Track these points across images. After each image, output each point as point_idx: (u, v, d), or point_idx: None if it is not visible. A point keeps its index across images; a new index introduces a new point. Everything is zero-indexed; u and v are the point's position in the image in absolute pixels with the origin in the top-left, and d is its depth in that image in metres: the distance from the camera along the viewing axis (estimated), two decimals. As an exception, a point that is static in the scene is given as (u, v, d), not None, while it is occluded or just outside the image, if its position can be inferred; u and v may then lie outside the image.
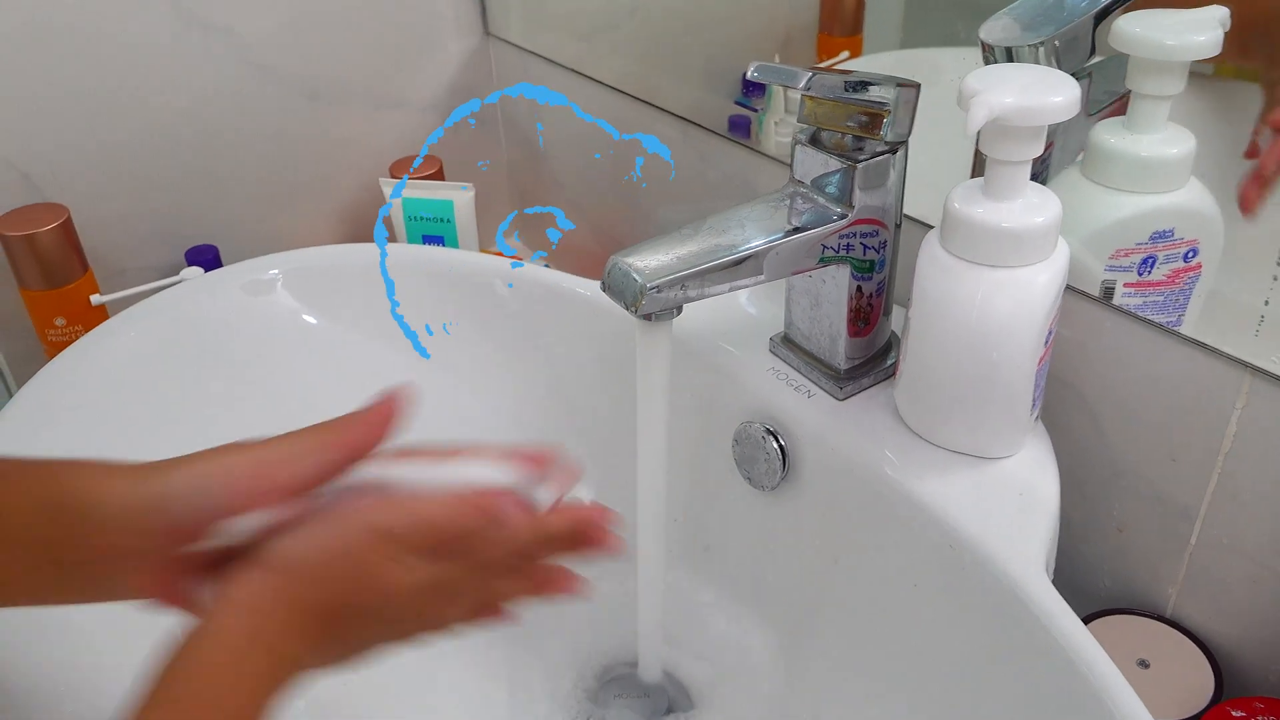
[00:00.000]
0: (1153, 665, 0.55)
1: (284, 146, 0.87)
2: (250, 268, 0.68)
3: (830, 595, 0.57)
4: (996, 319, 0.48)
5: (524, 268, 0.67)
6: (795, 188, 0.54)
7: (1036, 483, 0.51)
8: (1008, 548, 0.47)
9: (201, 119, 0.82)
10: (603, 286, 0.49)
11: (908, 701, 0.51)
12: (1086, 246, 0.54)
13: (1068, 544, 0.60)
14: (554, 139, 0.93)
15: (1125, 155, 0.52)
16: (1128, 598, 0.59)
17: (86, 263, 0.76)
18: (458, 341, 0.68)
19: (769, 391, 0.58)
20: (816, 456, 0.56)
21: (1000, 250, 0.47)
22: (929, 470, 0.51)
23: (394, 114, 0.92)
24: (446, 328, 0.67)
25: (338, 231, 0.92)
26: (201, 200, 0.85)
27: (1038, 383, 0.50)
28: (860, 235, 0.53)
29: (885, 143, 0.51)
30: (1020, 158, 0.46)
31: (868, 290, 0.55)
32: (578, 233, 0.95)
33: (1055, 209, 0.47)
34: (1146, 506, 0.56)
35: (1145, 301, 0.54)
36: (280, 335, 0.66)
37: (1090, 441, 0.57)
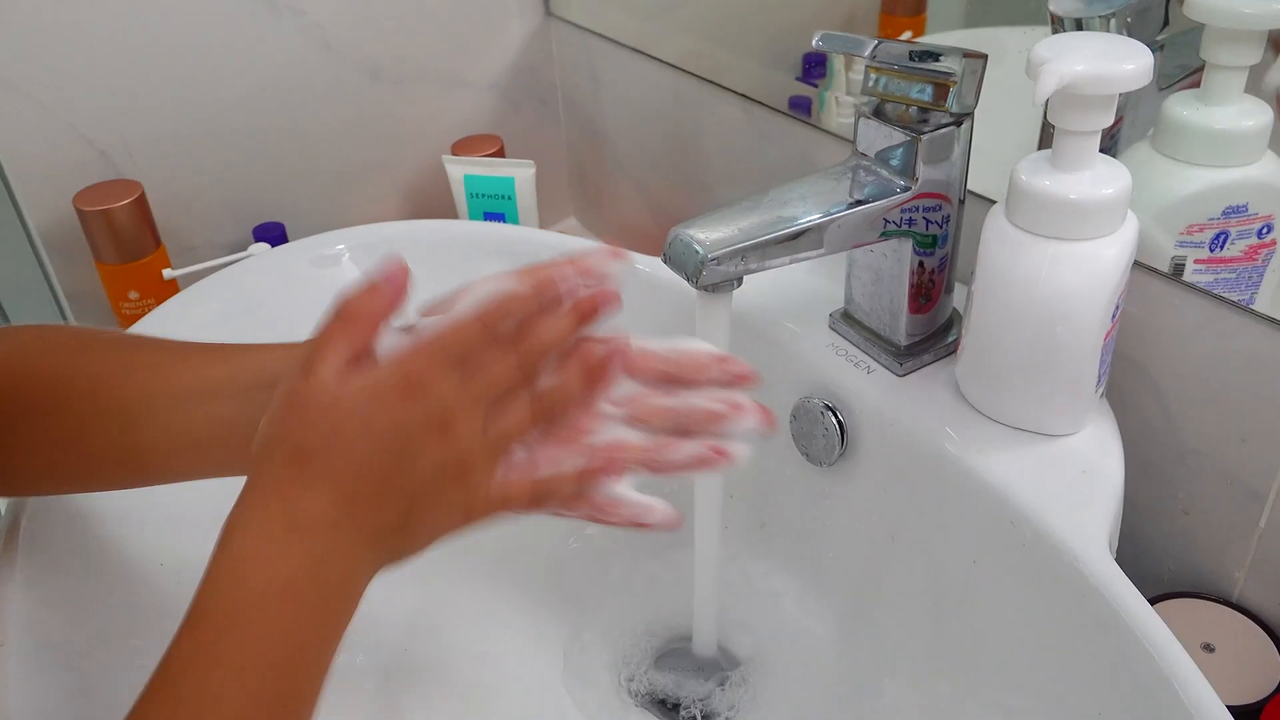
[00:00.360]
0: (1218, 649, 0.54)
1: (349, 126, 0.88)
2: (316, 243, 0.69)
3: (888, 572, 0.56)
4: (1062, 293, 0.47)
5: (585, 245, 0.68)
6: (858, 160, 0.53)
7: (1100, 461, 0.50)
8: (1070, 525, 0.46)
9: (271, 99, 0.84)
10: (664, 258, 0.49)
11: (967, 679, 0.51)
12: (1157, 222, 0.53)
13: (1131, 525, 0.59)
14: (614, 119, 0.94)
15: (1199, 128, 0.51)
16: (1192, 581, 0.58)
17: (159, 238, 0.78)
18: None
19: (828, 367, 0.57)
20: (875, 432, 0.55)
21: (1067, 223, 0.47)
22: (990, 446, 0.51)
23: (456, 93, 0.93)
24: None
25: (401, 210, 0.94)
26: (269, 178, 0.86)
27: (1103, 359, 0.49)
28: (923, 209, 0.53)
29: (951, 114, 0.50)
30: (1090, 128, 0.46)
31: (930, 265, 0.54)
32: (637, 213, 0.95)
33: (1125, 181, 0.47)
34: (1214, 488, 0.55)
35: (1217, 278, 0.53)
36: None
37: (1156, 421, 0.56)
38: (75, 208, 0.74)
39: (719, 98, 0.79)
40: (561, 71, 0.98)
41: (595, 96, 0.95)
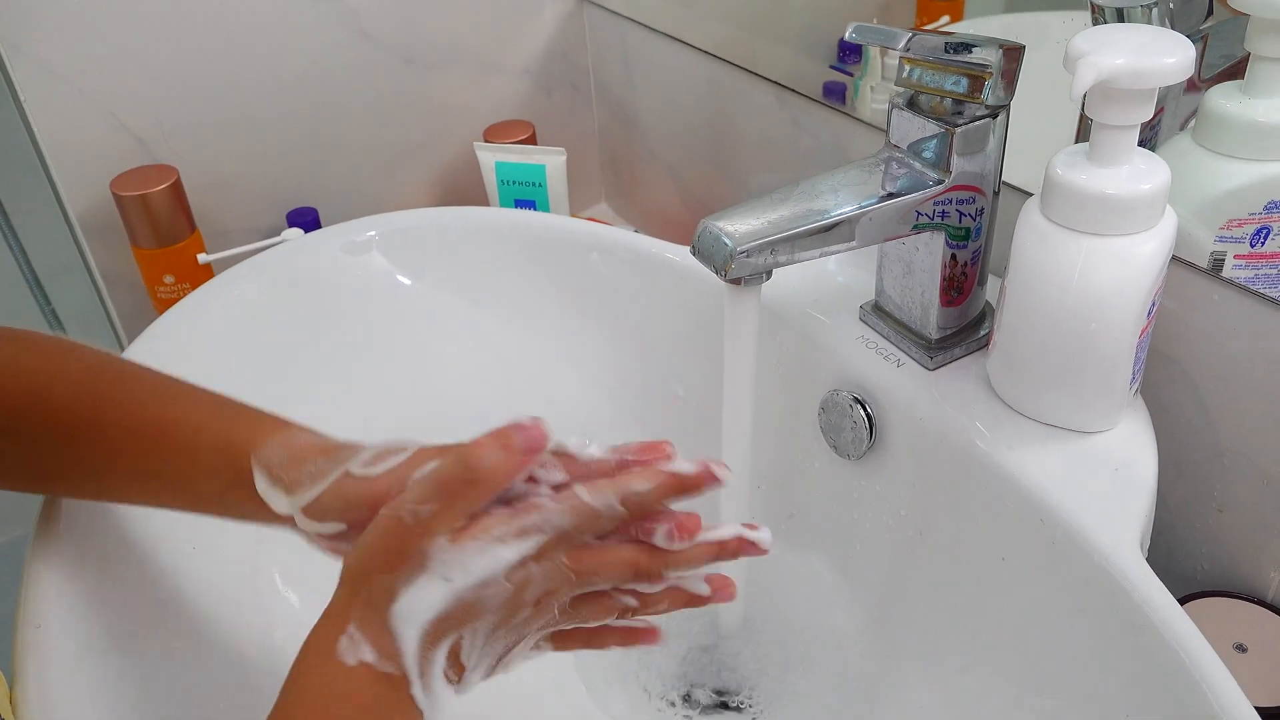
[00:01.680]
0: (1251, 649, 0.53)
1: (383, 112, 0.89)
2: (348, 229, 0.70)
3: (916, 567, 0.56)
4: (1097, 289, 0.46)
5: (613, 233, 0.68)
6: (891, 152, 0.53)
7: (1133, 459, 0.49)
8: (1101, 524, 0.46)
9: (306, 86, 0.84)
10: (693, 250, 0.49)
11: (995, 676, 0.51)
12: (1196, 216, 0.52)
13: (1164, 523, 0.58)
14: (646, 106, 0.93)
15: (1241, 120, 0.50)
16: (1226, 580, 0.57)
17: (194, 223, 0.79)
18: (547, 305, 0.69)
19: (858, 360, 0.57)
20: (905, 426, 0.55)
21: (1104, 218, 0.46)
22: (1021, 443, 0.50)
23: (489, 79, 0.93)
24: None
25: (434, 195, 0.94)
26: (303, 164, 0.87)
27: (1138, 356, 0.49)
28: (957, 202, 0.52)
29: (986, 107, 0.50)
30: (1128, 122, 0.45)
31: (962, 259, 0.54)
32: (670, 200, 0.95)
33: (1163, 176, 0.46)
34: (1249, 487, 0.54)
35: (1257, 274, 0.52)
36: (375, 294, 0.68)
37: (1192, 418, 0.55)
38: (112, 193, 0.75)
39: (752, 85, 0.78)
40: (594, 57, 0.98)
41: (628, 82, 0.94)
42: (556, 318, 0.69)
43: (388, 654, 0.36)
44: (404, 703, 0.37)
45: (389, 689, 0.36)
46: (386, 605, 0.36)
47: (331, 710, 0.36)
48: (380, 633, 0.36)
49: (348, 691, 0.36)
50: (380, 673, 0.36)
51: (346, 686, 0.36)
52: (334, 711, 0.36)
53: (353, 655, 0.36)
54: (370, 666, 0.36)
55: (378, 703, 0.36)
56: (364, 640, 0.36)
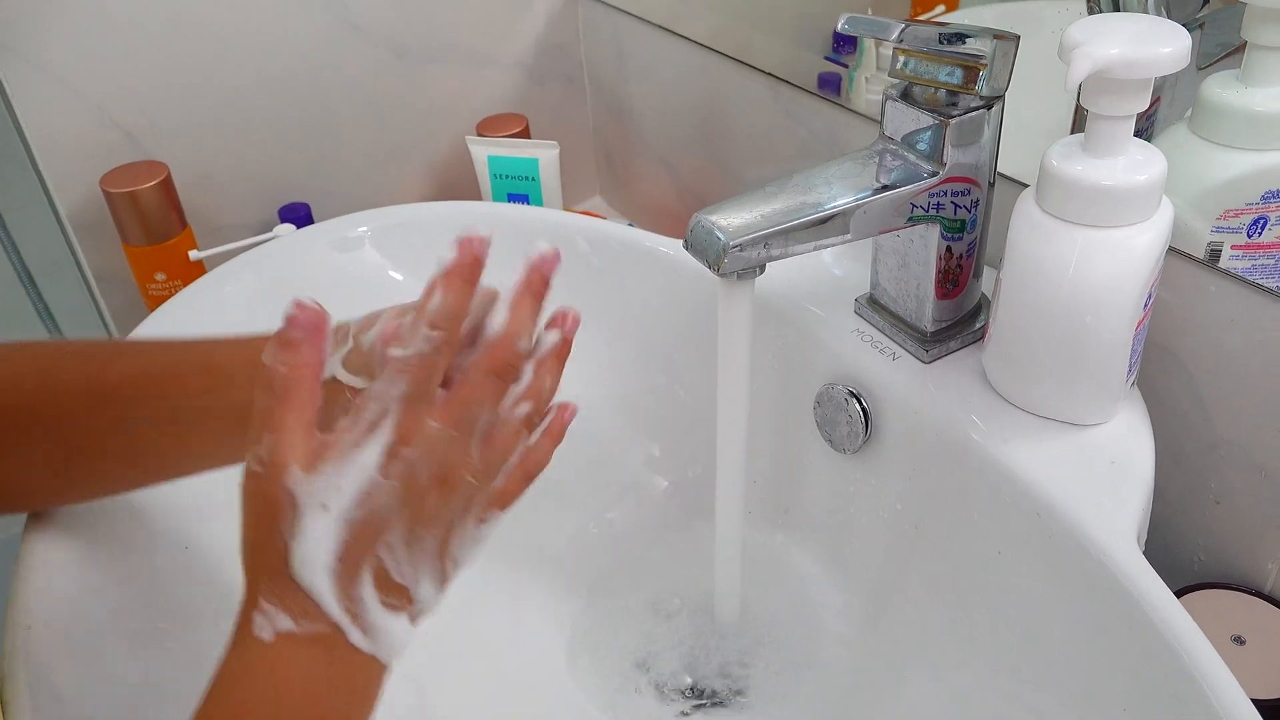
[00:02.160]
0: (1249, 641, 0.53)
1: (375, 106, 0.88)
2: (339, 225, 0.69)
3: (912, 560, 0.56)
4: (1093, 281, 0.46)
5: (606, 227, 0.67)
6: (885, 144, 0.52)
7: (1130, 451, 0.49)
8: (1097, 517, 0.45)
9: (298, 80, 0.84)
10: (685, 245, 0.49)
11: (990, 671, 0.50)
12: (1193, 206, 0.52)
13: (1161, 516, 0.58)
14: (640, 98, 0.93)
15: (1238, 110, 0.50)
16: (1223, 572, 0.57)
17: (185, 219, 0.78)
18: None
19: (853, 353, 0.57)
20: (900, 420, 0.55)
21: (1099, 209, 0.46)
22: (1017, 436, 0.50)
23: (482, 72, 0.92)
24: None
25: (427, 189, 0.94)
26: (296, 159, 0.86)
27: (1134, 348, 0.48)
28: (951, 194, 0.52)
29: (980, 98, 0.49)
30: (1123, 112, 0.44)
31: (958, 251, 0.54)
32: (665, 194, 0.95)
33: (1160, 166, 0.45)
34: (1247, 479, 0.54)
35: (1254, 265, 0.51)
36: (367, 290, 0.67)
37: (1188, 410, 0.55)
38: (102, 189, 0.75)
39: (747, 76, 0.78)
40: (588, 49, 0.97)
41: (622, 75, 0.94)
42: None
43: (306, 613, 0.33)
44: (346, 657, 0.34)
45: (322, 651, 0.34)
46: (284, 565, 0.33)
47: (260, 697, 0.33)
48: (291, 595, 0.33)
49: (273, 672, 0.33)
50: (306, 637, 0.33)
51: (271, 667, 0.33)
52: (265, 697, 0.33)
53: (269, 629, 0.33)
54: (292, 635, 0.33)
55: (312, 671, 0.33)
56: (277, 610, 0.33)
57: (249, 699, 0.33)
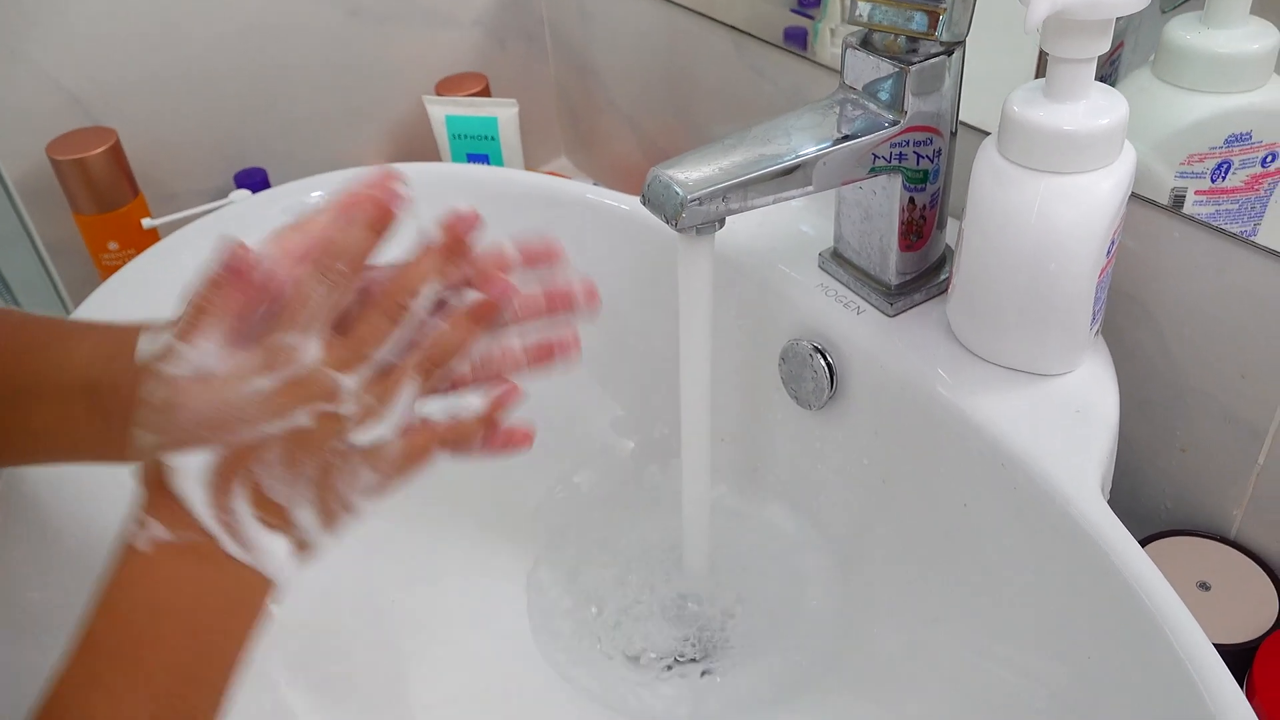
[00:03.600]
0: (1214, 588, 0.53)
1: (332, 67, 0.86)
2: (294, 189, 0.68)
3: (881, 515, 0.56)
4: (1055, 228, 0.45)
5: (563, 185, 0.66)
6: (845, 94, 0.51)
7: (1095, 400, 0.49)
8: (1062, 466, 0.45)
9: (250, 41, 0.81)
10: (643, 200, 0.48)
11: (961, 624, 0.50)
12: (1156, 151, 0.51)
13: (1129, 464, 0.58)
14: (604, 55, 0.91)
15: (1201, 52, 0.49)
16: (1190, 519, 0.57)
17: (137, 187, 0.76)
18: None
19: (817, 308, 0.56)
20: (865, 374, 0.54)
21: (1061, 155, 0.45)
22: (982, 387, 0.49)
23: (440, 31, 0.90)
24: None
25: (387, 152, 0.92)
26: (251, 124, 0.84)
27: (1098, 296, 0.48)
28: (914, 143, 0.51)
29: (941, 44, 0.48)
30: (1084, 55, 0.44)
31: (921, 202, 0.53)
32: (630, 152, 0.93)
33: (1122, 110, 0.45)
34: (1213, 425, 0.54)
35: (1218, 210, 0.51)
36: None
37: (1154, 358, 0.55)
38: (49, 157, 0.73)
39: (710, 31, 0.76)
40: (549, 7, 0.95)
41: (584, 32, 0.92)
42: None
43: (180, 522, 0.34)
44: (223, 567, 0.35)
45: (198, 560, 0.35)
46: (161, 476, 0.35)
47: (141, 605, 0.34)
48: (167, 504, 0.34)
49: (152, 581, 0.34)
50: (182, 547, 0.34)
51: (150, 576, 0.34)
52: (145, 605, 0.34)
53: (145, 539, 0.34)
54: (169, 545, 0.34)
55: (189, 580, 0.35)
56: (153, 520, 0.34)
57: (130, 608, 0.34)
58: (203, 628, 0.35)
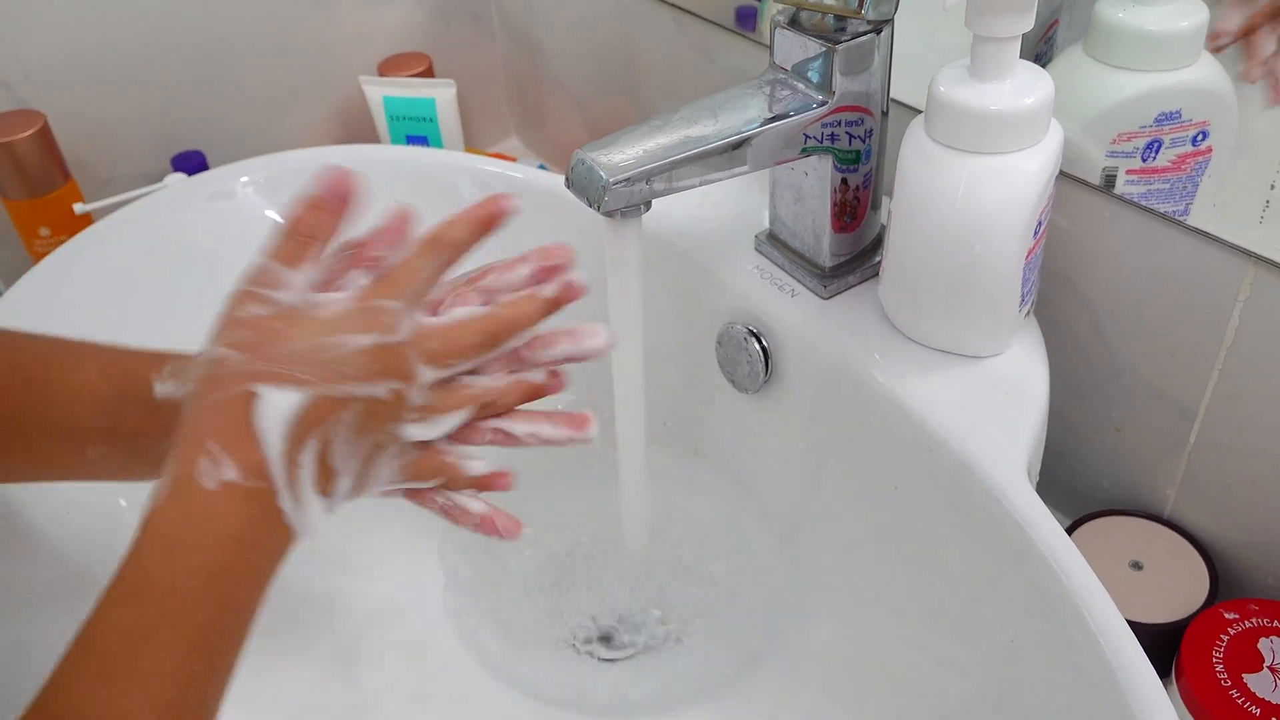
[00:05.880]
0: (1147, 567, 0.54)
1: (269, 46, 0.84)
2: (226, 173, 0.66)
3: (816, 499, 0.55)
4: (980, 209, 0.45)
5: (494, 167, 0.65)
6: (775, 74, 0.51)
7: (1024, 382, 0.49)
8: (988, 449, 0.45)
9: (185, 19, 0.79)
10: (567, 183, 0.47)
11: (890, 609, 0.50)
12: (1087, 131, 0.51)
13: (1065, 444, 0.58)
14: (551, 34, 0.90)
15: (1130, 29, 0.49)
16: (1126, 499, 0.57)
17: (68, 171, 0.75)
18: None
19: (751, 291, 0.55)
20: (799, 357, 0.54)
21: (986, 135, 0.44)
22: (912, 370, 0.49)
23: (381, 9, 0.88)
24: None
25: (328, 134, 0.90)
26: (188, 105, 0.83)
27: (1027, 277, 0.48)
28: (845, 124, 0.50)
29: (868, 22, 0.48)
30: (1008, 33, 0.43)
31: (854, 183, 0.52)
32: (580, 133, 0.92)
33: (1047, 89, 0.44)
34: (1145, 405, 0.54)
35: (1149, 190, 0.51)
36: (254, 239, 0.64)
37: (1088, 339, 0.55)
38: (-27, 141, 0.71)
39: (652, 10, 0.75)
40: (495, -17, 0.94)
41: (531, 9, 0.90)
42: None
43: (253, 467, 0.33)
44: (272, 520, 0.34)
45: (256, 507, 0.34)
46: (247, 408, 0.33)
47: (196, 547, 0.33)
48: (243, 441, 0.33)
49: (211, 518, 0.33)
50: (245, 490, 0.33)
51: (210, 513, 0.33)
52: (197, 547, 0.33)
53: (213, 477, 0.33)
54: (234, 485, 0.33)
55: (242, 524, 0.33)
56: (225, 455, 0.33)
57: (185, 541, 0.33)
58: (240, 572, 0.34)
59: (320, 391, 0.34)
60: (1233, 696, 0.47)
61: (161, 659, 0.31)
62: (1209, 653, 0.48)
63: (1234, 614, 0.50)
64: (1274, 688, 0.47)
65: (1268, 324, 0.47)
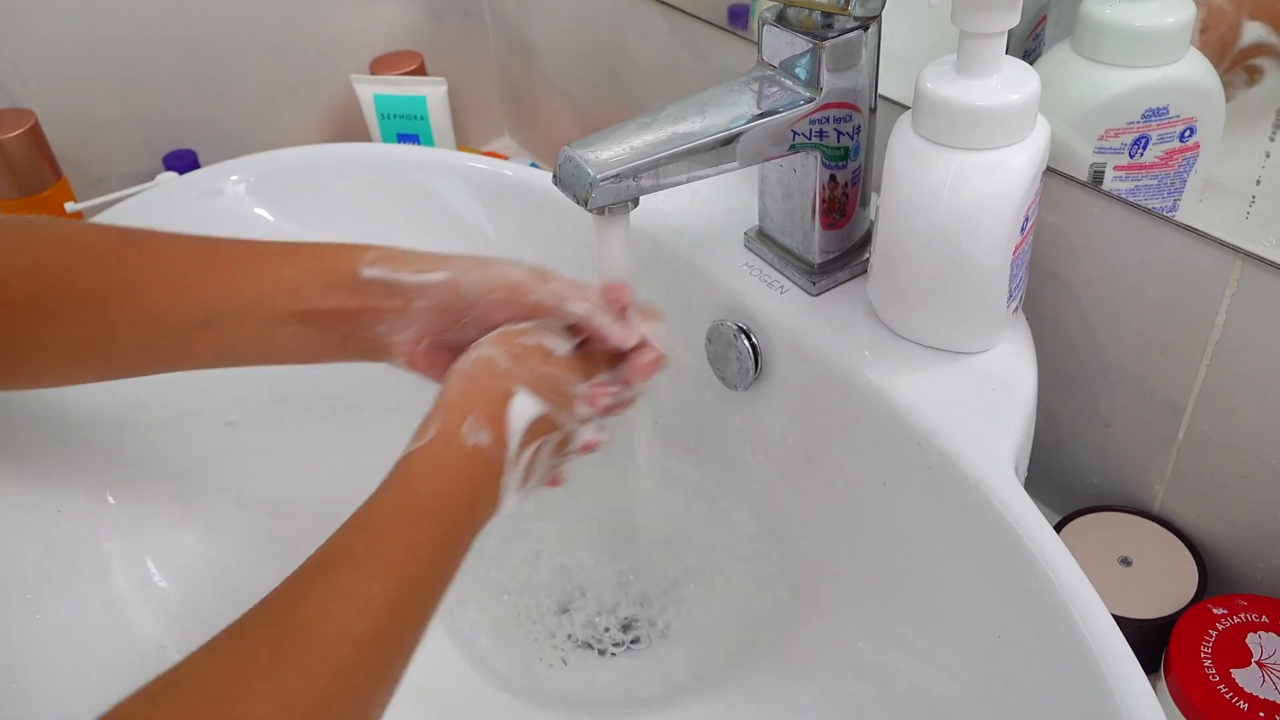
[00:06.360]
0: (1136, 563, 0.54)
1: (262, 44, 0.84)
2: (216, 172, 0.66)
3: (806, 496, 0.55)
4: (967, 205, 0.45)
5: (484, 164, 0.65)
6: (763, 71, 0.51)
7: (1011, 378, 0.49)
8: (976, 445, 0.45)
9: (178, 17, 0.79)
10: (554, 180, 0.47)
11: (879, 606, 0.50)
12: (1075, 127, 0.51)
13: (1055, 440, 0.58)
14: (544, 32, 0.90)
15: (1117, 26, 0.49)
16: (1115, 495, 0.58)
17: (59, 170, 0.75)
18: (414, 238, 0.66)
19: (741, 288, 0.55)
20: (789, 355, 0.54)
21: (973, 131, 0.44)
22: (900, 366, 0.49)
23: (375, 7, 0.88)
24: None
25: (321, 132, 0.90)
26: (181, 103, 0.83)
27: (1014, 273, 0.48)
28: (833, 120, 0.50)
29: (855, 19, 0.48)
30: (994, 29, 0.43)
31: (842, 179, 0.52)
32: (572, 132, 0.92)
33: (1033, 85, 0.44)
34: (1134, 401, 0.54)
35: (1137, 186, 0.51)
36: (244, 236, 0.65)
37: (1076, 334, 0.55)
38: (-36, 140, 0.71)
39: (649, 10, 0.75)
40: (487, -19, 0.94)
41: (523, 8, 0.90)
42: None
43: (500, 441, 0.42)
44: (494, 487, 0.42)
45: (489, 471, 0.42)
46: (505, 402, 0.42)
47: (448, 479, 0.40)
48: (496, 421, 0.42)
49: (463, 469, 0.41)
50: (489, 457, 0.41)
51: (462, 461, 0.41)
52: (449, 480, 0.40)
53: (471, 439, 0.41)
54: (482, 450, 0.41)
55: (481, 482, 0.41)
56: (484, 426, 0.41)
57: (440, 470, 0.41)
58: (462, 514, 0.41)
59: (551, 412, 0.43)
60: (1221, 691, 0.47)
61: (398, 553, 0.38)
62: (1197, 648, 0.48)
63: (1222, 609, 0.50)
64: (1262, 683, 0.47)
65: (1255, 320, 0.47)
